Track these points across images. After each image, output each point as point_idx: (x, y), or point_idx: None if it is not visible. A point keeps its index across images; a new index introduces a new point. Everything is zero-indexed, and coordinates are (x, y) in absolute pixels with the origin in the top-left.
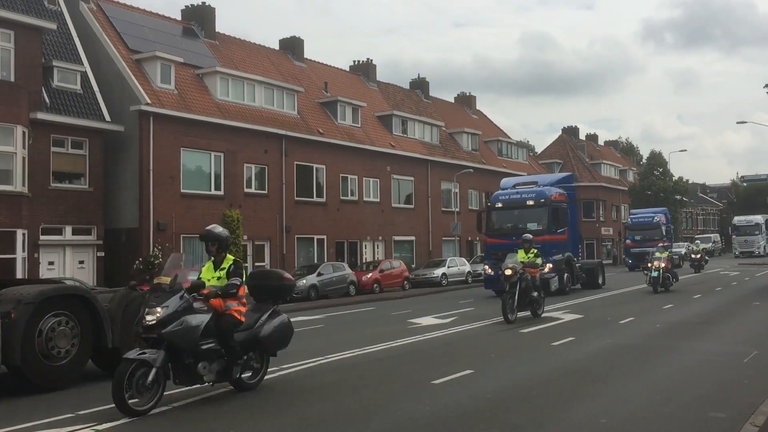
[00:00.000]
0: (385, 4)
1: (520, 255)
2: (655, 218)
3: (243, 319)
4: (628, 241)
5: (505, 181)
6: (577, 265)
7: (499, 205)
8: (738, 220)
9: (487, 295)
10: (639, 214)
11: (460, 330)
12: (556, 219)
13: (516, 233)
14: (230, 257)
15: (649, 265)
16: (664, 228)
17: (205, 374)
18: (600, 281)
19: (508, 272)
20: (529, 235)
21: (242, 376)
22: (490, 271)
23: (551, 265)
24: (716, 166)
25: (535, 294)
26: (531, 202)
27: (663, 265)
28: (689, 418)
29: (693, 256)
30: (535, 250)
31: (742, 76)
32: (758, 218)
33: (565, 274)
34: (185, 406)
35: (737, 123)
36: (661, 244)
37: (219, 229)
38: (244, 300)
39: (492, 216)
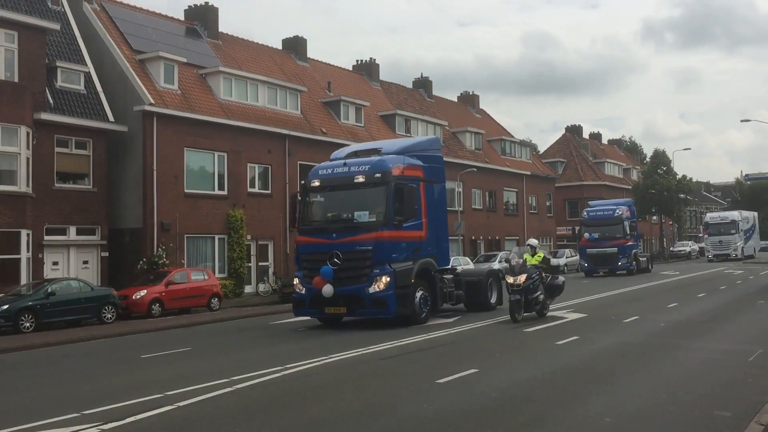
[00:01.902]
0: (390, 2)
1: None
2: (617, 211)
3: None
4: (585, 236)
5: (337, 152)
6: (446, 276)
7: (316, 183)
8: (711, 217)
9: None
10: (597, 206)
11: (465, 329)
12: (401, 205)
13: (337, 228)
14: (541, 253)
15: None
16: (627, 224)
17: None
18: (492, 300)
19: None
20: (535, 240)
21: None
22: (300, 287)
23: (387, 279)
24: (719, 165)
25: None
26: (361, 179)
27: None
28: (694, 416)
29: (510, 281)
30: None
31: (744, 74)
32: (734, 214)
33: (419, 292)
34: (188, 405)
35: (741, 121)
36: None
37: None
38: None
39: (307, 201)
